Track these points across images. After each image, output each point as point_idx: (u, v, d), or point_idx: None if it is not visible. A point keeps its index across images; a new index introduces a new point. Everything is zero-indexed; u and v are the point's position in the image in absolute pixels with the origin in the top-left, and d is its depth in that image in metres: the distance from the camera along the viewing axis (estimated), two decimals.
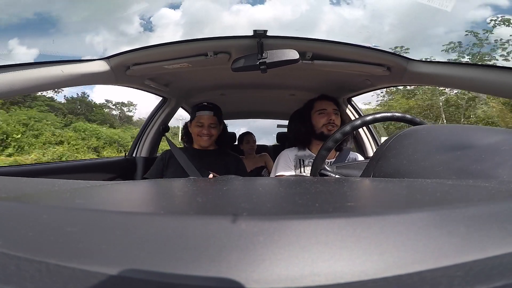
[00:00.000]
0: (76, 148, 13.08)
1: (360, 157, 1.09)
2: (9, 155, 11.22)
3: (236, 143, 2.20)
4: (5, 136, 11.51)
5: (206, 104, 1.17)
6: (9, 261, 0.11)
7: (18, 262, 0.11)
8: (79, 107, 19.20)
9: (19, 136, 11.94)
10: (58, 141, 13.15)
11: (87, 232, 0.12)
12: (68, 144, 13.16)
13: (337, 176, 0.59)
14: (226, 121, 1.32)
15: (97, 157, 11.87)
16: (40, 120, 13.73)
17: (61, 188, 0.25)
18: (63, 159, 11.02)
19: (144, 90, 1.25)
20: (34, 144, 12.29)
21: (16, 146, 11.69)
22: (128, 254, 0.11)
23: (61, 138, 13.38)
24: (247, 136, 2.07)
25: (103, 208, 0.18)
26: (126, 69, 0.97)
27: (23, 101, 14.82)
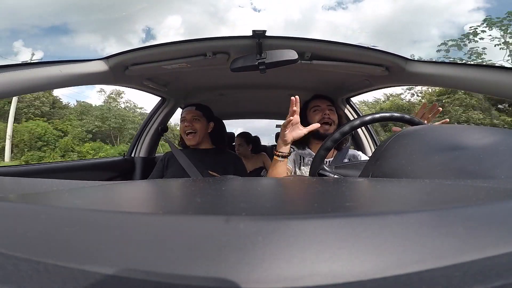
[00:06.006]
0: None
1: (359, 153, 1.09)
2: None
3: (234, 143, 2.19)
4: None
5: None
6: (7, 261, 0.11)
7: (16, 262, 0.11)
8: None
9: None
10: None
11: (85, 232, 0.12)
12: None
13: (335, 176, 0.59)
14: (225, 121, 1.32)
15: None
16: None
17: (60, 188, 0.25)
18: None
19: (143, 90, 1.25)
20: None
21: None
22: (127, 254, 0.11)
23: None
24: (237, 139, 1.96)
25: (102, 208, 0.18)
26: (124, 69, 0.96)
27: None
